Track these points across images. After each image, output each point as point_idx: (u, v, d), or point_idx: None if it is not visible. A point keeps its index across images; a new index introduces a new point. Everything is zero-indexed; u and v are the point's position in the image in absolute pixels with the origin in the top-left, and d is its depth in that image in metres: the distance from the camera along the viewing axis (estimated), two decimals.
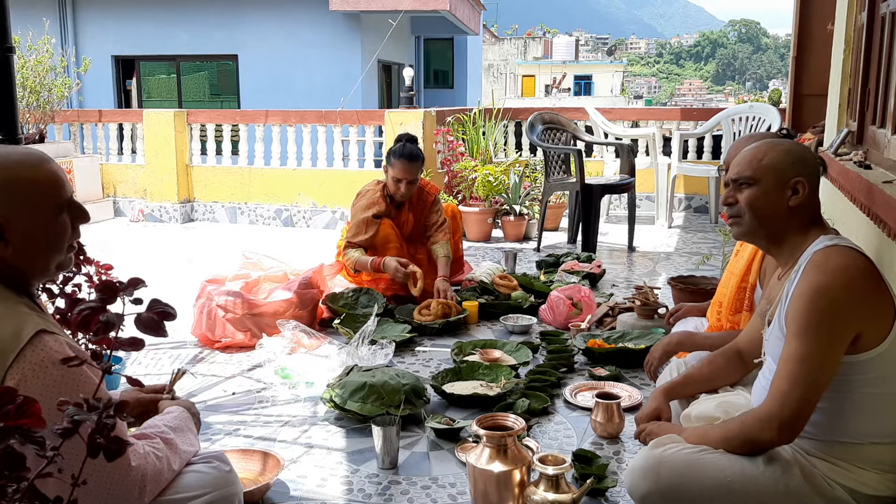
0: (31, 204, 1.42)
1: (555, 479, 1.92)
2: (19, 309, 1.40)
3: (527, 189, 6.36)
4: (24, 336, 1.34)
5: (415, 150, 4.17)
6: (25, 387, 1.31)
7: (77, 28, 13.43)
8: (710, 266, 4.97)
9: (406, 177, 4.11)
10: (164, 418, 1.69)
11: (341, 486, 2.30)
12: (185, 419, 1.72)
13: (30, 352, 1.33)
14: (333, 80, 12.13)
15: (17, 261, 1.43)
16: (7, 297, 1.41)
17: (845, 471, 1.60)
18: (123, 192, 7.72)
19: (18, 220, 1.41)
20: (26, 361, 1.33)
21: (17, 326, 1.36)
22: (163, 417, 1.69)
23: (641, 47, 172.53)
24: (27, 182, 1.42)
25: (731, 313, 2.52)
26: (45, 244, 1.45)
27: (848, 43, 3.69)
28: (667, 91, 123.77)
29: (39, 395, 1.31)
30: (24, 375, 1.32)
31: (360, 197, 4.25)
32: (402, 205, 4.28)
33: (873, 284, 1.60)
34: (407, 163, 4.10)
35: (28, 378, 1.32)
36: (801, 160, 1.75)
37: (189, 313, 3.67)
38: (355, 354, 3.16)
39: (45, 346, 1.35)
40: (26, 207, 1.42)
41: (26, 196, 1.42)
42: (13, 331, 1.35)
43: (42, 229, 1.44)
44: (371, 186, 4.26)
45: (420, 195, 4.35)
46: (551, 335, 3.60)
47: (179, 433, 1.65)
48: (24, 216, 1.42)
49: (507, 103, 9.15)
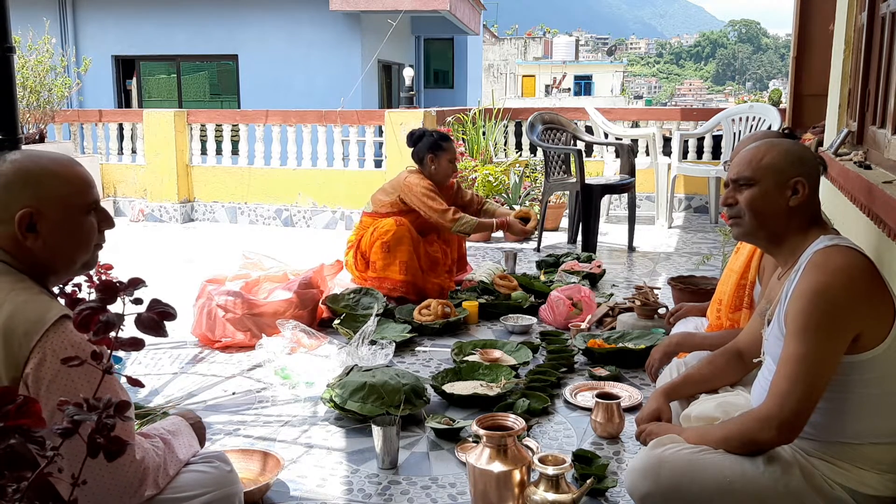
0: (62, 199, 1.48)
1: (555, 479, 1.92)
2: (43, 297, 1.45)
3: (527, 189, 6.37)
4: (49, 318, 1.38)
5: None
6: (44, 368, 1.35)
7: (77, 28, 13.43)
8: (710, 266, 4.97)
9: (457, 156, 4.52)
10: (162, 423, 1.72)
11: (341, 486, 2.30)
12: (180, 425, 1.75)
13: (52, 334, 1.37)
14: (333, 80, 12.12)
15: (46, 254, 1.49)
16: (31, 287, 1.46)
17: (845, 471, 1.60)
18: (123, 191, 7.73)
19: (50, 213, 1.47)
20: (48, 343, 1.37)
21: (41, 310, 1.40)
22: (160, 423, 1.73)
23: (641, 47, 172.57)
24: (60, 178, 1.49)
25: (731, 311, 2.52)
26: (73, 239, 1.51)
27: (848, 43, 3.69)
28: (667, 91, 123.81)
29: (56, 376, 1.36)
30: (44, 356, 1.36)
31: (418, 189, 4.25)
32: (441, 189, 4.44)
33: (873, 284, 1.60)
34: (453, 143, 4.49)
35: (48, 359, 1.36)
36: (801, 160, 1.75)
37: (189, 313, 3.67)
38: (355, 354, 3.16)
39: (66, 330, 1.39)
40: (58, 201, 1.48)
41: (58, 191, 1.48)
42: (38, 314, 1.39)
43: (71, 224, 1.50)
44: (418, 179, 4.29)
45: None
46: (551, 335, 3.60)
47: (177, 436, 1.67)
48: (55, 210, 1.48)
49: (507, 103, 9.15)
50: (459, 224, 4.26)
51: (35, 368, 1.36)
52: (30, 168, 1.47)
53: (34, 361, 1.36)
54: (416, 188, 4.25)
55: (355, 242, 4.29)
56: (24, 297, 1.42)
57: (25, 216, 1.45)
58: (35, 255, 1.48)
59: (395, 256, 4.10)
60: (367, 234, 4.23)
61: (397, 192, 4.29)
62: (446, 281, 4.34)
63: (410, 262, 4.12)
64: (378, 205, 4.33)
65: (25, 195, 1.45)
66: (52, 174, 1.48)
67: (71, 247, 1.51)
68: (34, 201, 1.46)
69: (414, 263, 4.14)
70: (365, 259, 4.22)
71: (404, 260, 4.10)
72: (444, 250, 4.42)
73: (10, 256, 1.47)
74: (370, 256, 4.18)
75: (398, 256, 4.10)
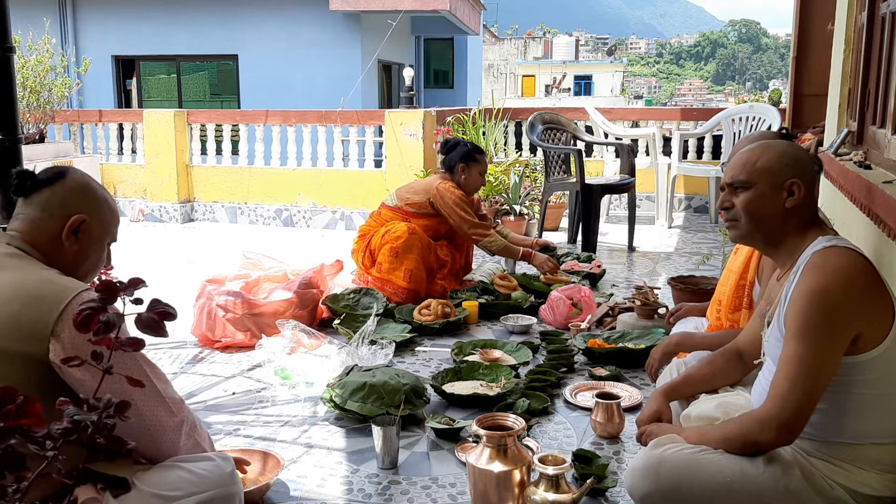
0: (105, 221, 1.73)
1: (555, 479, 1.92)
2: (62, 276, 1.60)
3: (527, 189, 6.36)
4: (76, 287, 1.53)
5: None
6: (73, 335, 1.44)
7: (77, 28, 13.42)
8: (710, 266, 4.97)
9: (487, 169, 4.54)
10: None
11: (341, 486, 2.31)
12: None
13: (76, 303, 1.47)
14: (333, 80, 12.12)
15: (73, 261, 1.67)
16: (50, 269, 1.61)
17: (845, 471, 1.60)
18: (124, 191, 7.73)
19: (93, 228, 1.69)
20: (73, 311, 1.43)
21: (67, 282, 1.56)
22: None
23: (641, 47, 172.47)
24: (108, 205, 1.75)
25: (731, 311, 2.52)
26: (95, 258, 1.72)
27: (848, 43, 3.69)
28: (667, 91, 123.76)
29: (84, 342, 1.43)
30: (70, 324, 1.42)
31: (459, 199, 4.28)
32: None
33: (872, 285, 1.60)
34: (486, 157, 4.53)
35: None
36: (796, 161, 1.75)
37: (189, 313, 3.67)
38: (355, 354, 3.16)
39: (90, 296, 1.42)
40: (101, 222, 1.71)
41: (105, 214, 1.73)
42: (65, 284, 1.54)
43: (100, 245, 1.73)
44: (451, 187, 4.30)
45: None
46: (551, 335, 3.60)
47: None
48: (97, 227, 1.70)
49: (507, 103, 9.16)
50: (488, 241, 4.29)
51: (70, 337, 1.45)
52: (93, 186, 1.73)
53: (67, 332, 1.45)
54: (448, 197, 4.24)
55: (368, 236, 4.29)
56: (45, 273, 1.58)
57: (79, 220, 1.65)
58: (66, 257, 1.65)
59: (402, 263, 4.09)
60: (378, 233, 4.22)
61: (428, 195, 4.28)
62: (452, 283, 4.35)
63: (417, 270, 4.11)
64: (404, 202, 4.32)
65: (84, 204, 1.68)
66: (104, 199, 1.74)
67: (91, 263, 1.72)
68: (88, 212, 1.67)
69: (420, 273, 4.13)
70: (372, 257, 4.23)
71: (410, 268, 4.10)
72: (455, 255, 4.42)
73: (43, 256, 1.63)
74: (377, 256, 4.18)
75: (405, 264, 4.09)
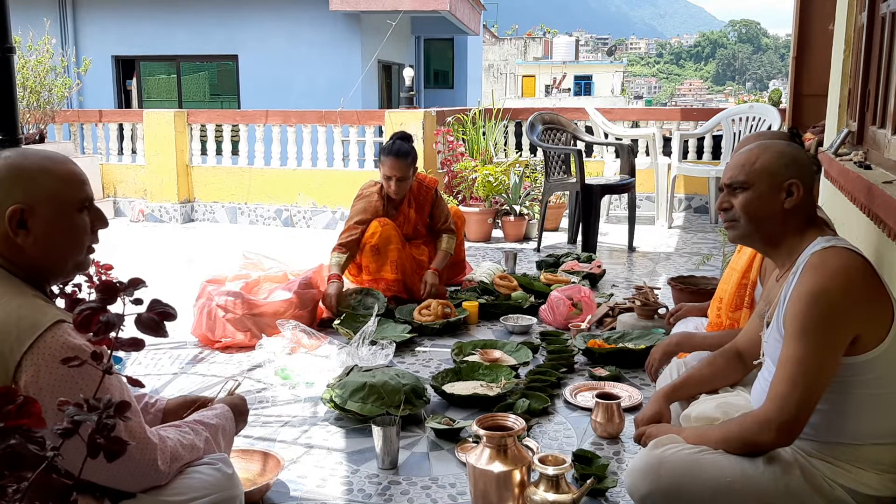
0: (54, 195, 1.47)
1: (555, 479, 1.92)
2: (38, 301, 1.43)
3: (527, 189, 6.36)
4: (44, 323, 1.37)
5: (404, 146, 4.13)
6: (42, 375, 1.34)
7: (77, 28, 13.42)
8: (710, 266, 4.97)
9: (395, 174, 4.08)
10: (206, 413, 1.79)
11: (341, 487, 2.31)
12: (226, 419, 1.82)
13: (49, 337, 1.36)
14: (333, 81, 12.12)
15: (37, 252, 1.47)
16: (24, 291, 1.44)
17: (845, 471, 1.60)
18: (123, 192, 7.73)
19: (41, 210, 1.46)
20: (44, 348, 1.35)
21: (35, 315, 1.38)
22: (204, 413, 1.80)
23: (641, 47, 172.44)
24: (51, 174, 1.48)
25: (732, 310, 2.52)
26: (64, 238, 1.49)
27: (848, 43, 3.68)
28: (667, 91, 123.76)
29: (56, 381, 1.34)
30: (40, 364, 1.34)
31: (359, 199, 4.24)
32: (401, 202, 4.28)
33: (871, 286, 1.60)
34: (395, 159, 4.07)
35: (47, 365, 1.34)
36: (795, 162, 1.75)
37: (189, 313, 3.67)
38: (355, 354, 3.15)
39: (62, 333, 1.37)
40: (49, 198, 1.46)
41: (50, 187, 1.47)
42: (32, 319, 1.37)
43: (62, 222, 1.48)
44: (369, 188, 4.25)
45: (420, 190, 4.33)
46: (551, 335, 3.60)
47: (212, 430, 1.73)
48: (46, 206, 1.46)
49: (507, 103, 9.15)
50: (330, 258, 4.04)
51: (34, 377, 1.34)
52: (22, 165, 1.46)
53: (31, 370, 1.33)
54: (357, 201, 4.21)
55: None
56: (19, 301, 1.40)
57: (16, 212, 1.44)
58: (27, 254, 1.46)
59: (386, 256, 4.08)
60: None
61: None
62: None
63: (400, 259, 4.10)
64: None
65: (17, 192, 1.44)
66: (43, 171, 1.47)
67: (63, 245, 1.50)
68: (26, 198, 1.44)
69: (403, 261, 4.12)
70: (357, 265, 4.21)
71: (394, 259, 4.08)
72: (430, 255, 4.32)
73: (4, 259, 1.46)
74: (361, 261, 4.17)
75: (389, 256, 4.08)
